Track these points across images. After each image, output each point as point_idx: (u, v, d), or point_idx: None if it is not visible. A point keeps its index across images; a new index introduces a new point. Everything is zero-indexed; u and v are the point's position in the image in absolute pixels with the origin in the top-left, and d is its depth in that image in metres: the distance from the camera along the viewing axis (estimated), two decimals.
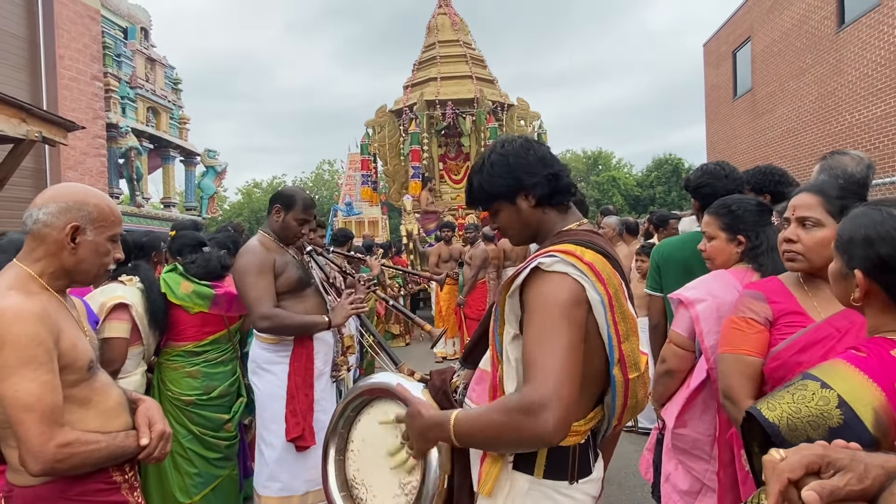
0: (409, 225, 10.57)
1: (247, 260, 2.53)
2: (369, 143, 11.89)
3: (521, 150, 1.34)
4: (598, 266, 1.20)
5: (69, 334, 1.38)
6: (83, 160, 8.85)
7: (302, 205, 2.66)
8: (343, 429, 1.53)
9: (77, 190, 1.46)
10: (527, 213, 1.35)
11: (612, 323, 1.20)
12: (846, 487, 0.76)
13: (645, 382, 1.32)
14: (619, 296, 1.23)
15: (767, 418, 1.00)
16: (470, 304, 7.07)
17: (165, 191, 12.95)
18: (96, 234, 1.42)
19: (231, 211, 35.65)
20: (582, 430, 1.27)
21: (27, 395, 1.26)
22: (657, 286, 2.52)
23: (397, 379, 1.47)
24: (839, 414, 0.96)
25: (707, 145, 17.39)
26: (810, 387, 1.00)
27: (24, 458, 1.29)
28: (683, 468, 1.92)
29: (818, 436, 0.95)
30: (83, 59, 8.91)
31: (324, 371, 2.76)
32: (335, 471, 1.52)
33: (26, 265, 1.41)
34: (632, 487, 3.68)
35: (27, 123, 5.46)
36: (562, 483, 1.25)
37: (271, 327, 2.53)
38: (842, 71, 10.62)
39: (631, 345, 1.25)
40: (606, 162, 39.43)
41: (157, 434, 1.49)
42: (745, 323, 1.56)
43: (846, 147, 10.41)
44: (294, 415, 2.54)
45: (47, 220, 1.38)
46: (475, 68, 11.84)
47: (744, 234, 1.87)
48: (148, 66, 11.86)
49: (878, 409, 0.95)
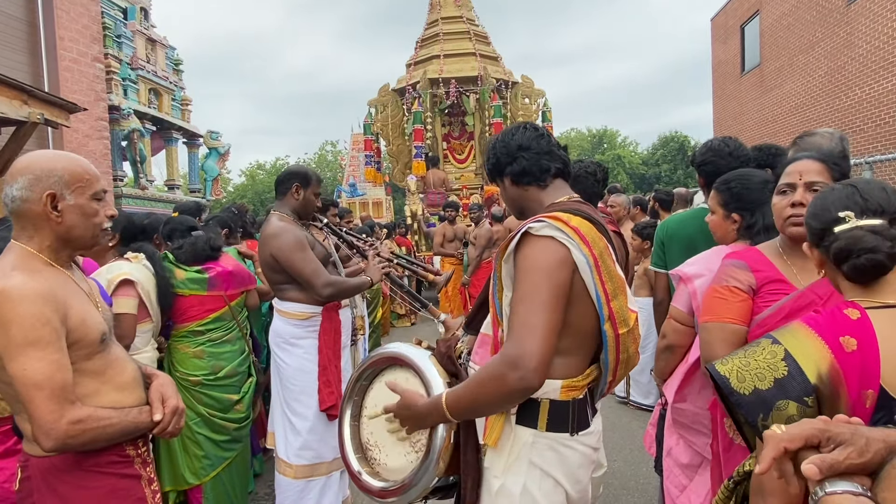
0: (413, 205, 10.55)
1: (287, 239, 2.60)
2: (372, 122, 11.81)
3: (507, 135, 1.54)
4: (583, 230, 1.31)
5: (78, 309, 1.38)
6: (86, 143, 8.84)
7: (316, 179, 2.84)
8: (357, 396, 1.62)
9: (43, 156, 1.41)
10: (510, 190, 1.54)
11: (600, 282, 1.30)
12: (846, 461, 0.76)
13: (636, 338, 1.41)
14: (605, 257, 1.33)
15: (719, 371, 1.06)
16: (475, 283, 7.09)
17: (169, 173, 12.93)
18: (76, 196, 1.38)
19: (235, 193, 35.64)
20: (580, 385, 1.37)
21: (36, 374, 1.26)
22: (661, 262, 2.51)
23: (406, 347, 1.56)
24: (784, 366, 1.01)
25: (714, 122, 17.19)
26: (762, 343, 1.07)
27: (36, 436, 1.30)
28: (684, 442, 1.94)
29: (764, 386, 1.01)
30: (83, 41, 8.83)
31: (346, 344, 2.96)
32: (350, 435, 1.61)
33: (23, 244, 1.39)
34: (636, 463, 3.73)
35: (29, 106, 5.44)
36: (563, 435, 1.36)
37: (334, 293, 2.68)
38: (852, 45, 10.42)
39: (619, 302, 1.34)
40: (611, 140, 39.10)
41: (170, 409, 1.49)
42: (729, 291, 1.57)
43: (855, 123, 10.30)
44: (328, 385, 2.69)
45: (23, 196, 1.35)
46: (479, 45, 11.69)
47: (738, 211, 1.86)
48: (149, 46, 11.77)
49: (821, 362, 1.01)
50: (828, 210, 1.13)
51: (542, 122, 11.95)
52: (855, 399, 0.99)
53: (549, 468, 1.35)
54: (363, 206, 12.57)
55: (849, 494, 0.74)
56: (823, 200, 1.15)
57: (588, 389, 1.41)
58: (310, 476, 2.69)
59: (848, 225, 1.10)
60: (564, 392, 1.35)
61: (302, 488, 2.69)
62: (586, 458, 1.41)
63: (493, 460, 1.38)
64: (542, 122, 11.97)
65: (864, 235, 1.07)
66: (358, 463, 1.57)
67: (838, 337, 1.02)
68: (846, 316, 1.04)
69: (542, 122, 11.97)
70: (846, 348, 1.00)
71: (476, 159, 11.88)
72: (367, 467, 1.56)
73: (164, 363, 2.93)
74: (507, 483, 1.36)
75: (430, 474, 1.40)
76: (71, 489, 1.39)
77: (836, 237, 1.10)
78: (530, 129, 1.53)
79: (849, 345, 1.01)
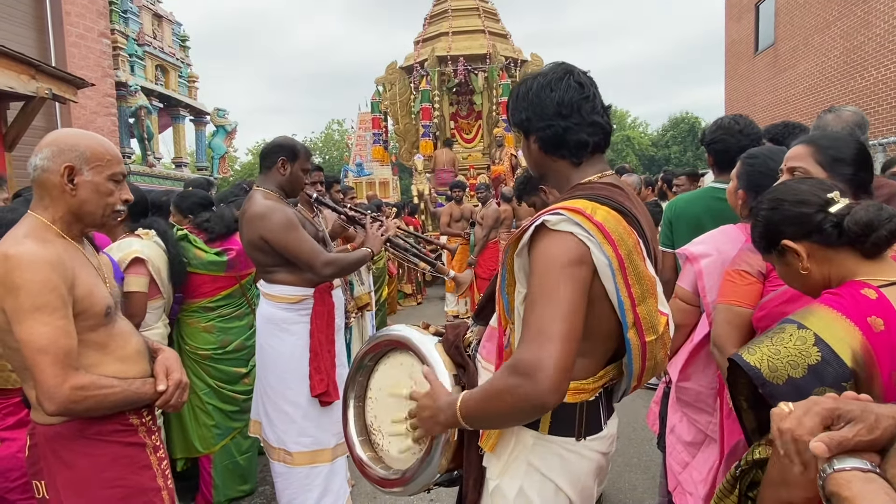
0: (420, 185, 10.51)
1: (279, 218, 2.41)
2: (380, 101, 11.72)
3: (545, 87, 1.25)
4: (608, 226, 1.12)
5: (85, 281, 1.41)
6: (94, 119, 8.84)
7: (305, 153, 2.61)
8: (361, 377, 1.57)
9: (70, 133, 1.49)
10: (535, 154, 1.31)
11: (625, 286, 1.13)
12: (855, 438, 0.76)
13: (665, 343, 1.24)
14: (633, 257, 1.14)
15: (749, 362, 1.02)
16: (481, 263, 7.09)
17: (176, 150, 12.93)
18: (93, 174, 1.44)
19: (242, 171, 35.66)
20: (590, 387, 1.23)
21: (41, 339, 1.30)
22: (668, 242, 2.50)
23: (413, 332, 1.48)
24: (816, 351, 0.98)
25: (725, 103, 16.92)
26: (788, 329, 1.03)
27: (39, 399, 1.34)
28: (687, 420, 1.96)
29: (798, 374, 0.97)
30: (90, 16, 8.78)
31: (340, 326, 2.77)
32: (354, 416, 1.56)
33: (38, 213, 1.44)
34: (640, 441, 3.76)
35: (37, 80, 5.44)
36: (568, 440, 1.23)
37: (336, 271, 2.55)
38: (870, 24, 10.18)
39: (648, 307, 1.17)
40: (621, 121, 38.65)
41: (174, 382, 1.53)
42: (738, 275, 1.58)
43: (870, 105, 10.12)
44: (318, 372, 2.54)
45: (45, 166, 1.41)
46: (488, 22, 11.52)
47: (746, 189, 1.83)
48: (155, 22, 11.68)
49: (854, 344, 0.97)
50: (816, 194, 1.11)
51: None
52: (887, 380, 0.97)
53: (551, 473, 1.24)
54: (370, 185, 12.49)
55: (857, 471, 0.73)
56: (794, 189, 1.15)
57: (604, 389, 1.27)
58: (312, 462, 2.58)
59: (842, 203, 1.09)
60: (571, 394, 1.21)
61: (306, 474, 2.57)
62: (594, 465, 1.28)
63: (490, 460, 1.29)
64: None
65: (879, 206, 1.05)
66: (361, 447, 1.53)
67: (865, 318, 0.99)
68: (866, 296, 1.02)
69: None
70: (875, 329, 0.98)
71: (484, 139, 11.79)
72: (369, 451, 1.52)
73: (174, 336, 2.98)
74: (502, 485, 1.26)
75: (431, 469, 1.35)
76: (75, 456, 1.44)
77: (850, 214, 1.07)
78: (574, 87, 1.23)
79: (877, 325, 0.98)
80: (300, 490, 2.58)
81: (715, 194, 2.26)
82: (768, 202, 1.20)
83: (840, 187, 1.15)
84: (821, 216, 1.11)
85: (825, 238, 1.10)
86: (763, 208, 1.20)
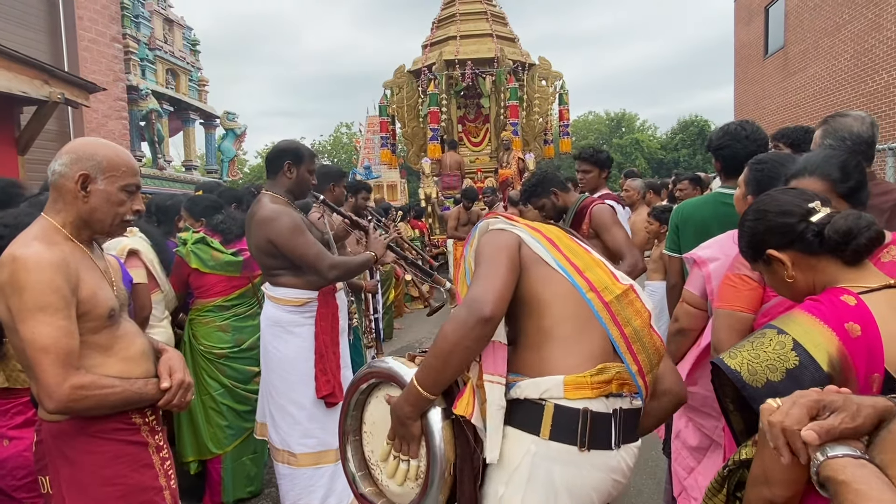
0: (427, 188, 10.53)
1: (285, 222, 2.43)
2: (388, 104, 11.76)
3: None
4: (532, 224, 1.43)
5: (89, 283, 1.45)
6: (105, 123, 8.94)
7: (309, 155, 2.64)
8: (355, 410, 1.55)
9: (90, 142, 1.53)
10: None
11: (562, 256, 1.34)
12: (841, 426, 0.82)
13: (638, 310, 1.30)
14: (563, 238, 1.40)
15: (730, 366, 1.05)
16: None
17: (186, 154, 13.03)
18: (107, 183, 1.48)
19: (251, 174, 35.86)
20: (587, 382, 1.22)
21: (43, 338, 1.34)
22: (675, 247, 2.50)
23: (400, 365, 1.44)
24: (794, 356, 1.01)
25: (735, 107, 16.85)
26: (768, 334, 1.06)
27: (40, 397, 1.37)
28: (693, 425, 1.95)
29: (777, 378, 1.01)
30: (102, 21, 8.89)
31: (344, 328, 2.79)
32: (353, 450, 1.54)
33: (50, 216, 1.48)
34: (646, 445, 3.73)
35: (49, 85, 5.52)
36: (570, 448, 1.20)
37: (341, 274, 2.58)
38: (880, 27, 10.11)
39: (596, 273, 1.33)
40: (630, 124, 38.56)
41: (176, 382, 1.54)
42: (740, 280, 1.57)
43: (881, 108, 10.03)
44: (324, 373, 2.56)
45: (62, 171, 1.46)
46: (496, 26, 11.54)
47: (753, 195, 1.80)
48: (166, 27, 11.79)
49: (831, 349, 1.00)
50: (798, 205, 1.14)
51: (559, 105, 11.83)
52: (863, 384, 1.00)
53: (553, 485, 1.21)
54: (378, 188, 12.56)
55: (849, 458, 0.79)
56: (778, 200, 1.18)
57: (623, 411, 1.25)
58: (316, 463, 2.59)
59: (823, 212, 1.12)
60: (570, 391, 1.20)
61: (310, 475, 2.59)
62: (600, 483, 1.24)
63: (493, 470, 1.26)
64: (559, 105, 11.85)
65: (858, 215, 1.09)
66: (361, 481, 1.50)
67: (843, 324, 1.02)
68: (844, 303, 1.05)
69: (559, 105, 11.85)
70: (852, 334, 1.01)
71: (491, 142, 11.80)
72: (370, 486, 1.50)
73: (185, 337, 3.02)
74: (505, 495, 1.23)
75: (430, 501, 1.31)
76: (78, 453, 1.47)
77: (830, 223, 1.11)
78: None
79: (854, 331, 1.01)
80: (305, 491, 2.60)
81: (722, 199, 2.26)
82: (752, 213, 1.23)
83: (822, 197, 1.18)
84: (803, 226, 1.13)
85: (807, 247, 1.13)
86: (748, 219, 1.23)
